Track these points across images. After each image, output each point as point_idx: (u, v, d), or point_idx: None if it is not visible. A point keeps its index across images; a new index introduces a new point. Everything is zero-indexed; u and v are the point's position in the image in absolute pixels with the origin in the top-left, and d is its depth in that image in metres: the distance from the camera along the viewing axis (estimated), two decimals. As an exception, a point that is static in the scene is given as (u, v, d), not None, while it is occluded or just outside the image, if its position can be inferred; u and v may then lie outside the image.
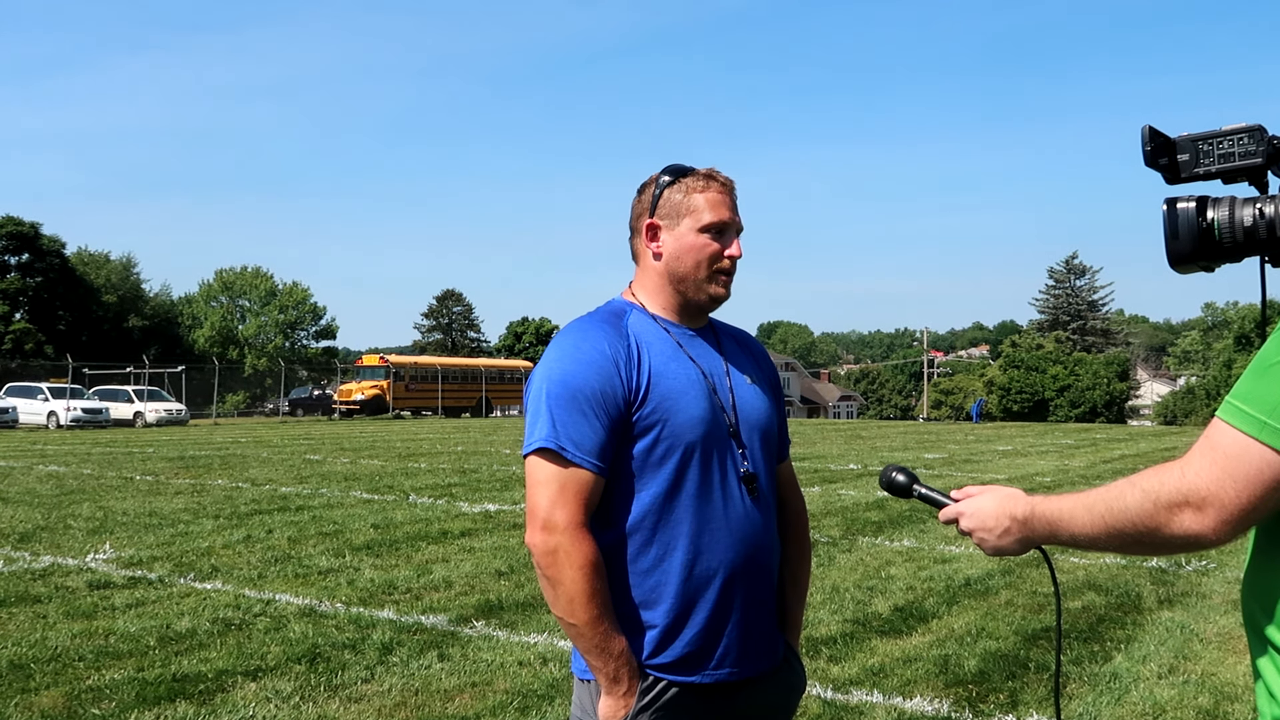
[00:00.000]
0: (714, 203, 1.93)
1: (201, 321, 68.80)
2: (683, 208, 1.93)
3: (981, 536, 1.58)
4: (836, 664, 5.19)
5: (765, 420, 1.99)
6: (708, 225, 1.92)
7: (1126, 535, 1.34)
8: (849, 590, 6.91)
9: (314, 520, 10.14)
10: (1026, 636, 5.74)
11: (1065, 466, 17.63)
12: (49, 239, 56.30)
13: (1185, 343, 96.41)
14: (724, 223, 1.93)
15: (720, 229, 1.93)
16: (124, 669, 5.02)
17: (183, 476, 14.97)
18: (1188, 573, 7.68)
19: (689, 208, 1.92)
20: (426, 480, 14.42)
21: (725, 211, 1.93)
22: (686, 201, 1.93)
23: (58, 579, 7.18)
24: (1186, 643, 5.66)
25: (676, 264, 1.93)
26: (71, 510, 10.90)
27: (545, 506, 1.79)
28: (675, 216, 1.93)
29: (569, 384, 1.82)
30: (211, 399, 43.66)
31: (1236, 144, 1.41)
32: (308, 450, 21.22)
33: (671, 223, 1.94)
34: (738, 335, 2.11)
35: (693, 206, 1.92)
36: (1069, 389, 55.64)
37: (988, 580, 7.23)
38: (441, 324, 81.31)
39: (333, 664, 5.13)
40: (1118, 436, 30.03)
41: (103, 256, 64.41)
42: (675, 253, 1.93)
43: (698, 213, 1.92)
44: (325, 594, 6.72)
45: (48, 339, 53.14)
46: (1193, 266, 1.44)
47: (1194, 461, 1.27)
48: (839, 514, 10.75)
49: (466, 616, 6.11)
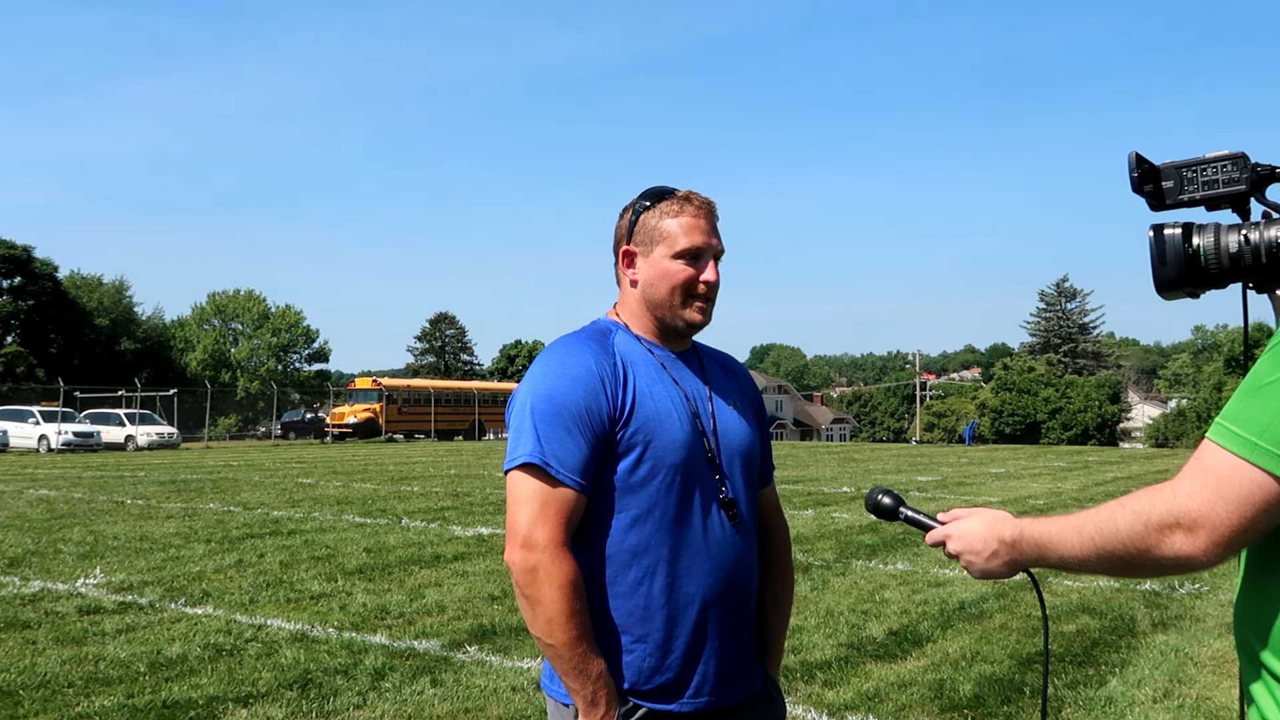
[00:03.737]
0: (688, 228, 1.90)
1: (194, 345, 68.58)
2: (656, 234, 1.91)
3: (969, 559, 1.57)
4: (831, 688, 5.17)
5: (747, 445, 1.97)
6: (681, 251, 1.89)
7: (1116, 557, 1.33)
8: (843, 614, 6.89)
9: (306, 544, 10.09)
10: (1021, 660, 5.73)
11: (1058, 489, 17.64)
12: (41, 262, 56.23)
13: (1176, 365, 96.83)
14: (698, 248, 1.90)
15: (695, 254, 1.90)
16: (114, 695, 4.98)
17: (174, 500, 14.89)
18: (1181, 596, 7.67)
19: (663, 233, 1.90)
20: (419, 504, 14.37)
21: (700, 236, 1.90)
22: (660, 226, 1.90)
23: (47, 604, 7.13)
24: (1181, 666, 5.65)
25: (652, 291, 1.92)
26: (62, 534, 10.83)
27: (526, 524, 1.76)
28: (649, 243, 1.91)
29: (554, 400, 1.80)
30: (203, 422, 43.52)
31: (1220, 171, 1.43)
32: (300, 474, 21.13)
33: (646, 249, 1.92)
34: (721, 359, 2.09)
35: (666, 232, 1.90)
36: (1061, 411, 55.74)
37: (982, 604, 7.22)
38: (434, 347, 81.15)
39: (325, 690, 5.09)
40: (1110, 459, 30.06)
41: (95, 280, 64.32)
42: (650, 279, 1.91)
43: (671, 238, 1.90)
44: (317, 619, 6.68)
45: (39, 362, 52.97)
46: (1179, 293, 1.45)
47: (1184, 483, 1.26)
48: (832, 537, 10.73)
49: (459, 641, 6.07)
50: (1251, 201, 1.43)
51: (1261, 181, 1.42)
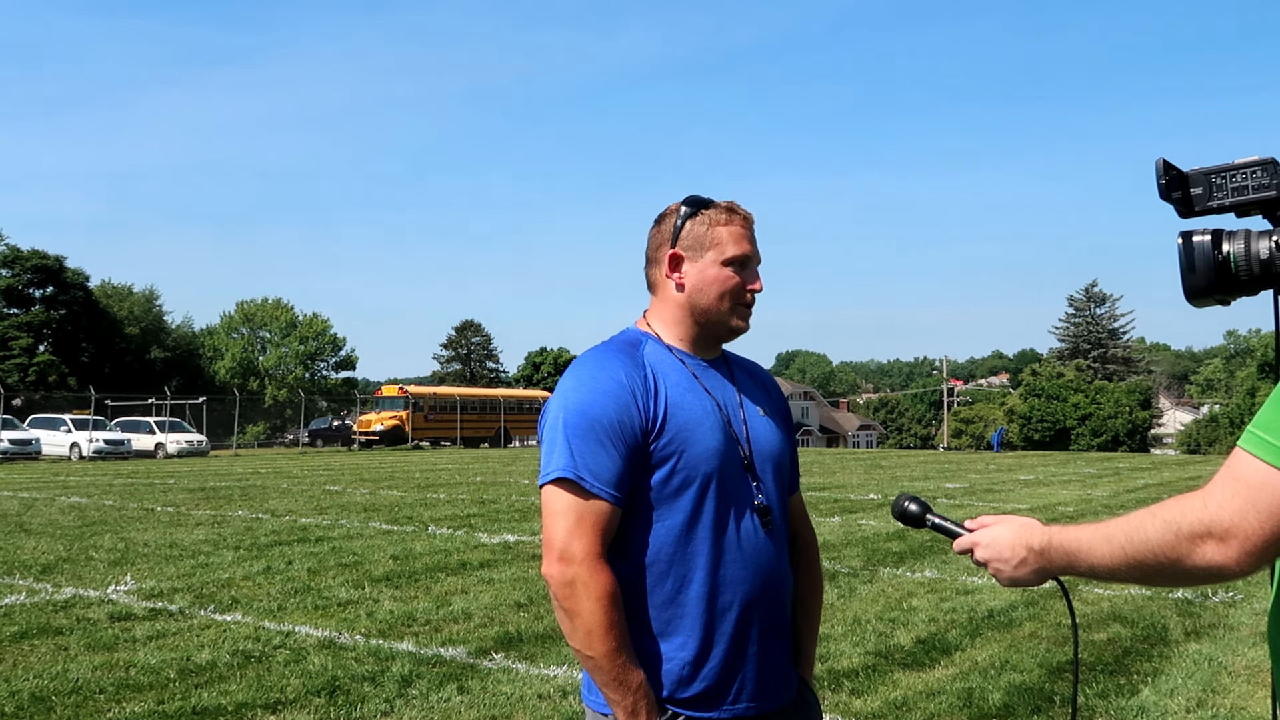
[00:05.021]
0: (737, 236, 1.93)
1: (222, 353, 69.30)
2: (706, 240, 1.92)
3: (997, 567, 1.55)
4: (859, 697, 5.14)
5: (778, 452, 1.98)
6: (731, 258, 1.92)
7: (1147, 566, 1.32)
8: (870, 622, 6.85)
9: (333, 551, 10.15)
10: (1051, 669, 5.67)
11: (1088, 496, 17.46)
12: (73, 272, 56.99)
13: (1208, 371, 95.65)
14: (746, 256, 1.93)
15: (743, 262, 1.93)
16: (144, 701, 5.02)
17: (203, 508, 15.02)
18: (1215, 604, 7.57)
19: (713, 240, 1.92)
20: (445, 511, 14.42)
21: (747, 245, 1.94)
22: (710, 234, 1.92)
23: (79, 611, 7.21)
24: (1215, 675, 5.57)
25: (699, 296, 1.93)
26: (93, 541, 10.95)
27: (562, 537, 1.77)
28: (698, 249, 1.93)
29: (587, 414, 1.81)
30: (232, 430, 43.88)
31: (1250, 177, 1.41)
32: (327, 481, 21.26)
33: (695, 254, 1.93)
34: (749, 367, 2.11)
35: (716, 239, 1.92)
36: (1091, 418, 55.22)
37: (1011, 612, 7.16)
38: (460, 354, 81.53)
39: (352, 697, 5.12)
40: (1141, 465, 29.72)
41: (126, 289, 65.14)
42: (698, 285, 1.93)
43: (721, 245, 1.92)
44: (345, 626, 6.71)
45: (71, 371, 53.65)
46: (1209, 300, 1.43)
47: (1216, 492, 1.25)
48: (859, 544, 10.67)
49: (486, 649, 6.09)
50: None
51: None
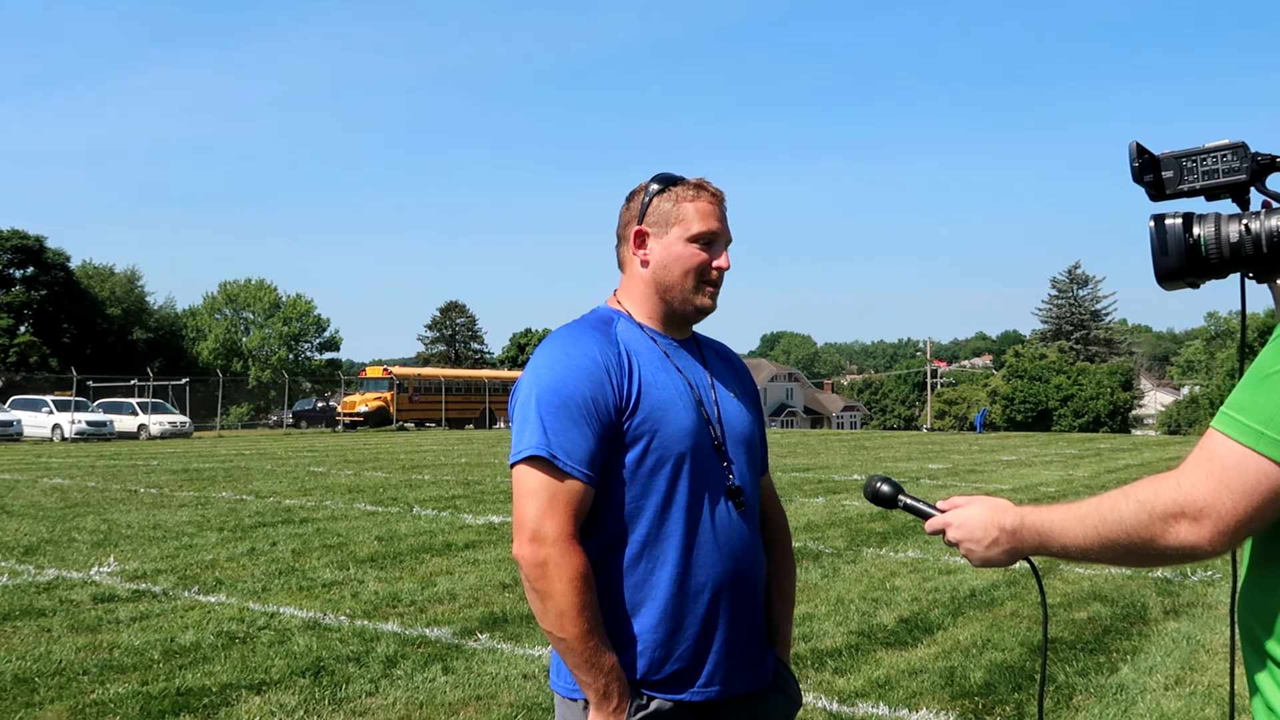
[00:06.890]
0: (704, 213, 1.91)
1: (205, 334, 68.81)
2: (672, 216, 1.91)
3: (969, 547, 1.55)
4: (841, 676, 5.18)
5: (749, 434, 1.97)
6: (697, 235, 1.90)
7: (1120, 546, 1.32)
8: (853, 602, 6.90)
9: (318, 533, 10.14)
10: (1032, 648, 5.73)
11: (1069, 476, 17.59)
12: (54, 252, 56.44)
13: (1189, 352, 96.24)
14: (713, 233, 1.91)
15: (709, 239, 1.91)
16: (128, 683, 5.02)
17: (187, 489, 14.98)
18: (1193, 583, 7.66)
19: (678, 216, 1.90)
20: (430, 492, 14.42)
21: (715, 222, 1.91)
22: (676, 210, 1.91)
23: (62, 592, 7.19)
24: (1193, 654, 5.64)
25: (664, 273, 1.91)
26: (76, 523, 10.91)
27: (534, 517, 1.74)
28: (664, 225, 1.91)
29: (560, 391, 1.77)
30: (215, 411, 43.70)
31: (1220, 161, 1.42)
32: (311, 462, 21.22)
33: (660, 231, 1.91)
34: (719, 349, 2.09)
35: (682, 215, 1.90)
36: (1073, 399, 55.58)
37: (993, 591, 7.22)
38: (445, 335, 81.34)
39: (337, 677, 5.13)
40: (1122, 446, 29.96)
41: (107, 269, 64.56)
42: (663, 261, 1.91)
43: (687, 222, 1.90)
44: (329, 607, 6.72)
45: (52, 352, 53.23)
46: (1179, 283, 1.44)
47: (1190, 472, 1.26)
48: (843, 525, 10.73)
49: (471, 629, 6.10)
50: (1251, 191, 1.42)
51: (1262, 171, 1.41)
